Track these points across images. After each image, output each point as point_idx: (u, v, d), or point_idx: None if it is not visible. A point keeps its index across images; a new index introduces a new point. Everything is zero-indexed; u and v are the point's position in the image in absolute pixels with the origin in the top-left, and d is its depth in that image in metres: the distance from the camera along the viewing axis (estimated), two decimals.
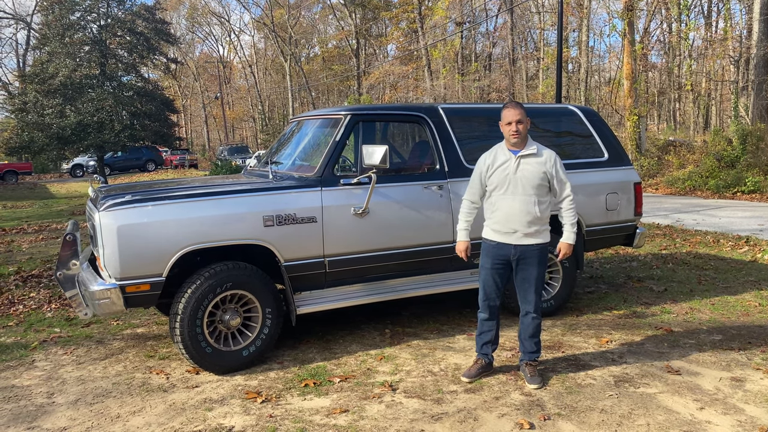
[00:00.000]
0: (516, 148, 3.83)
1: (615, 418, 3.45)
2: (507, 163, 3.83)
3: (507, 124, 3.79)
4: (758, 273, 6.79)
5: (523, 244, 3.83)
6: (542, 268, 3.88)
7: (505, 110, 3.81)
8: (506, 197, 3.83)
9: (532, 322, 3.94)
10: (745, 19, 23.75)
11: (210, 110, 60.44)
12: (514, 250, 3.85)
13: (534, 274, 3.86)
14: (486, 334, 4.05)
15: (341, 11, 43.08)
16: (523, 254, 3.84)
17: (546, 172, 3.81)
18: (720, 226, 9.97)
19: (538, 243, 3.84)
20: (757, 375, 3.99)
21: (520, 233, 3.82)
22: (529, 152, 3.81)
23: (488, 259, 3.97)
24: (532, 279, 3.87)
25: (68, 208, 16.47)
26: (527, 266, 3.86)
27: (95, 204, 4.15)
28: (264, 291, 4.25)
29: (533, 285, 3.88)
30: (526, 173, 3.79)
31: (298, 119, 5.69)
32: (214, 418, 3.55)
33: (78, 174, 36.21)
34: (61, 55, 26.91)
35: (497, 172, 3.86)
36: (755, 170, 15.24)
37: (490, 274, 3.96)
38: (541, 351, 4.04)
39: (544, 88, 28.96)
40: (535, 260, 3.84)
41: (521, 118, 3.76)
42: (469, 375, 3.98)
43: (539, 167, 3.80)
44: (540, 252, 3.85)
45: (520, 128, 3.76)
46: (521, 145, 3.82)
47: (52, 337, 5.11)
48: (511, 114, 3.77)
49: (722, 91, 30.46)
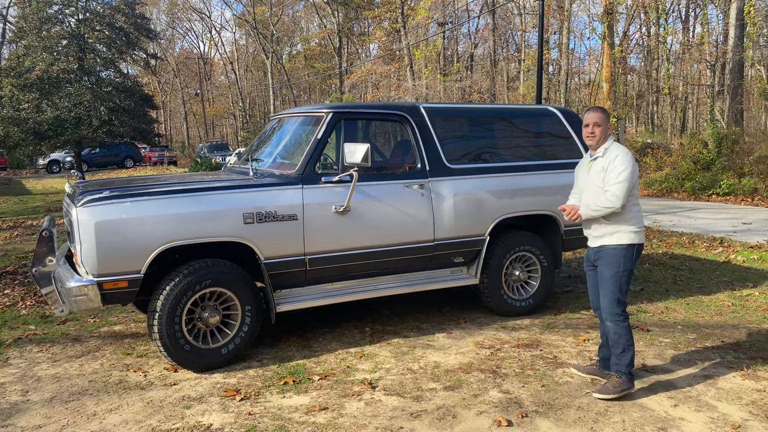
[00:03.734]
0: (592, 152, 3.84)
1: (591, 415, 3.50)
2: (584, 167, 3.91)
3: (585, 126, 3.79)
4: (732, 273, 6.92)
5: (596, 246, 3.83)
6: (614, 270, 3.71)
7: (586, 114, 3.82)
8: (583, 200, 3.87)
9: (608, 330, 3.79)
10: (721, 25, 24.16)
11: (190, 107, 59.88)
12: (592, 252, 3.89)
13: (604, 276, 3.76)
14: (602, 336, 4.01)
15: (324, 9, 42.94)
16: (597, 255, 3.83)
17: (604, 167, 3.71)
18: (695, 227, 10.14)
19: (607, 245, 3.76)
20: (729, 373, 4.07)
21: (592, 236, 3.86)
22: (598, 155, 3.78)
23: (586, 262, 4.02)
24: (603, 281, 3.77)
25: (44, 205, 16.21)
26: (599, 268, 3.82)
27: (73, 200, 4.10)
28: (243, 289, 4.23)
29: (602, 288, 3.78)
30: (596, 176, 3.78)
31: (279, 116, 5.67)
32: (193, 415, 3.53)
33: (54, 170, 35.62)
34: (38, 49, 26.44)
35: (580, 175, 3.97)
36: (730, 173, 15.52)
37: (588, 278, 4.01)
38: (625, 368, 3.71)
39: (525, 89, 29.19)
40: (605, 261, 3.76)
41: (599, 121, 3.73)
42: (577, 368, 4.10)
43: (600, 168, 3.75)
44: (609, 254, 3.74)
45: (596, 131, 3.73)
46: (596, 148, 3.79)
47: (27, 335, 5.04)
48: (589, 117, 3.77)
49: (699, 95, 30.98)
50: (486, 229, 5.09)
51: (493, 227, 5.11)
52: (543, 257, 5.37)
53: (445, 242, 4.94)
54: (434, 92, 29.69)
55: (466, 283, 5.14)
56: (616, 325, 3.73)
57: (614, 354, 3.77)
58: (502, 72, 34.31)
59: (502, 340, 4.75)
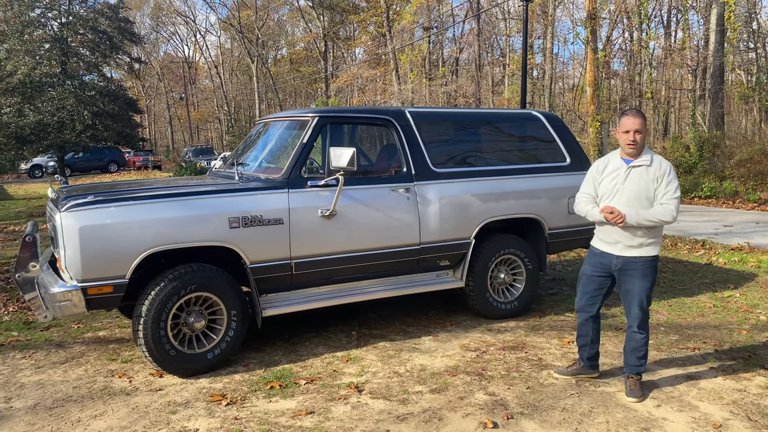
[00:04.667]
0: (630, 158, 3.69)
1: (576, 416, 3.53)
2: (617, 172, 3.72)
3: (625, 132, 3.62)
4: (713, 275, 7.02)
5: (625, 255, 3.72)
6: (647, 282, 3.70)
7: (625, 118, 3.64)
8: (617, 206, 3.69)
9: (635, 337, 3.80)
10: (702, 30, 24.49)
11: (174, 111, 59.52)
12: (615, 260, 3.76)
13: (637, 287, 3.71)
14: (582, 338, 4.01)
15: (309, 13, 42.92)
16: (626, 266, 3.73)
17: (657, 178, 3.62)
18: (678, 229, 10.26)
19: (641, 256, 3.69)
20: (711, 374, 4.13)
21: (622, 244, 3.72)
22: (641, 163, 3.65)
23: (589, 266, 3.92)
24: (635, 292, 3.72)
25: (27, 210, 16.03)
26: (629, 278, 3.73)
27: (56, 205, 4.07)
28: (229, 293, 4.22)
29: (636, 298, 3.73)
30: (635, 184, 3.65)
31: (265, 121, 5.67)
32: (178, 421, 3.51)
33: (37, 175, 35.23)
34: (19, 52, 26.17)
35: (607, 180, 3.76)
36: (711, 176, 15.73)
37: (587, 280, 3.93)
38: (644, 366, 3.86)
39: (510, 93, 29.38)
40: (638, 272, 3.70)
41: (640, 128, 3.60)
42: (561, 371, 4.06)
43: (650, 178, 3.63)
44: (644, 265, 3.70)
45: (638, 138, 3.60)
46: (636, 155, 3.67)
47: (9, 341, 4.98)
48: (630, 122, 3.60)
49: (681, 99, 31.37)
50: (471, 232, 5.12)
51: (478, 230, 5.15)
52: (528, 260, 5.42)
53: (430, 246, 4.96)
54: (420, 96, 29.79)
55: (451, 286, 5.17)
56: (646, 331, 3.80)
57: (635, 357, 3.80)
58: (487, 76, 34.52)
59: (487, 343, 4.78)
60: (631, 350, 3.83)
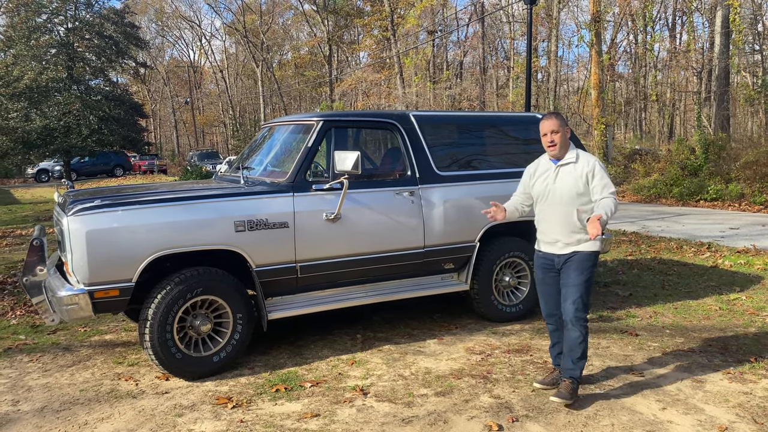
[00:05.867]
0: (556, 158, 3.78)
1: (581, 419, 3.53)
2: (547, 173, 3.81)
3: (543, 135, 3.75)
4: (719, 278, 7.00)
5: (565, 253, 3.75)
6: (582, 275, 3.68)
7: (542, 122, 3.77)
8: (546, 207, 3.80)
9: (568, 335, 3.72)
10: (707, 32, 24.47)
11: (180, 115, 59.74)
12: (557, 259, 3.79)
13: (572, 280, 3.69)
14: (557, 346, 3.97)
15: (314, 18, 43.05)
16: (566, 262, 3.75)
17: (587, 174, 3.66)
18: (684, 232, 10.24)
19: (585, 250, 3.70)
20: (716, 376, 4.12)
21: (561, 243, 3.76)
22: (567, 161, 3.74)
23: (539, 270, 3.94)
24: (569, 285, 3.70)
25: (33, 214, 16.11)
26: (566, 272, 3.74)
27: (63, 209, 4.11)
28: (235, 296, 4.24)
29: (569, 292, 3.69)
30: (564, 182, 3.72)
31: (270, 125, 5.69)
32: (185, 423, 3.53)
33: (43, 179, 35.39)
34: (26, 57, 26.38)
35: (539, 182, 3.85)
36: (717, 178, 15.68)
37: (542, 286, 3.93)
38: (580, 371, 3.74)
39: (514, 96, 29.39)
40: (573, 266, 3.70)
41: (556, 128, 3.69)
42: (542, 381, 3.94)
43: (578, 174, 3.69)
44: (581, 259, 3.69)
45: (555, 138, 3.69)
46: (561, 154, 3.75)
47: (17, 345, 5.02)
48: (546, 125, 3.72)
49: (686, 102, 31.30)
50: (476, 235, 5.13)
51: (483, 233, 5.15)
52: (532, 263, 5.40)
53: (435, 249, 4.97)
54: (424, 100, 29.82)
55: (456, 289, 5.18)
56: (582, 329, 3.69)
57: (572, 359, 3.71)
58: (491, 79, 34.54)
59: (492, 346, 4.78)
60: (568, 351, 3.74)
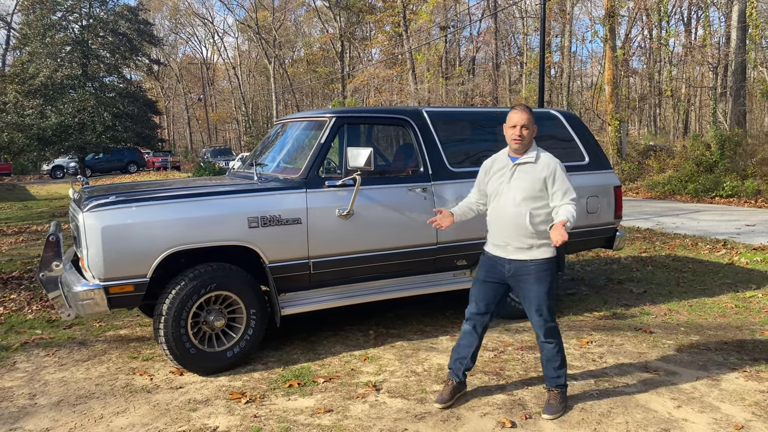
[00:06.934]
0: (515, 155, 3.52)
1: (594, 416, 3.51)
2: (504, 170, 3.55)
3: (511, 126, 3.46)
4: (735, 275, 6.93)
5: (516, 259, 3.49)
6: (542, 286, 3.45)
7: (512, 113, 3.48)
8: (499, 207, 3.54)
9: (544, 347, 3.57)
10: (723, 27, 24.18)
11: (193, 112, 60.07)
12: (508, 265, 3.52)
13: (533, 293, 3.46)
14: (463, 348, 3.70)
15: (326, 14, 43.05)
16: (518, 271, 3.49)
17: (545, 179, 3.43)
18: (699, 229, 10.15)
19: (534, 259, 3.46)
20: (732, 374, 4.09)
21: (512, 247, 3.49)
22: (526, 160, 3.48)
23: (482, 271, 3.66)
24: (531, 299, 3.48)
25: (49, 210, 16.28)
26: (524, 284, 3.49)
27: (79, 205, 4.14)
28: (248, 292, 4.26)
29: (533, 305, 3.48)
30: (521, 182, 3.46)
31: (282, 121, 5.71)
32: (199, 418, 3.56)
33: (58, 175, 35.78)
34: (41, 55, 26.64)
35: (494, 179, 3.60)
36: (733, 175, 15.52)
37: (480, 286, 3.66)
38: (564, 378, 3.59)
39: (527, 92, 29.21)
40: (532, 277, 3.45)
41: (527, 124, 3.42)
42: (442, 400, 3.63)
43: (536, 176, 3.44)
44: (537, 268, 3.45)
45: (524, 133, 3.43)
46: (522, 152, 3.49)
47: (33, 339, 5.08)
48: (517, 117, 3.44)
49: (701, 97, 30.99)
50: None
51: None
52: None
53: (447, 245, 4.96)
54: (436, 96, 29.75)
55: (469, 286, 5.15)
56: (555, 338, 3.55)
57: (553, 368, 3.57)
58: (504, 75, 34.36)
59: (505, 343, 4.77)
60: (546, 361, 3.59)
